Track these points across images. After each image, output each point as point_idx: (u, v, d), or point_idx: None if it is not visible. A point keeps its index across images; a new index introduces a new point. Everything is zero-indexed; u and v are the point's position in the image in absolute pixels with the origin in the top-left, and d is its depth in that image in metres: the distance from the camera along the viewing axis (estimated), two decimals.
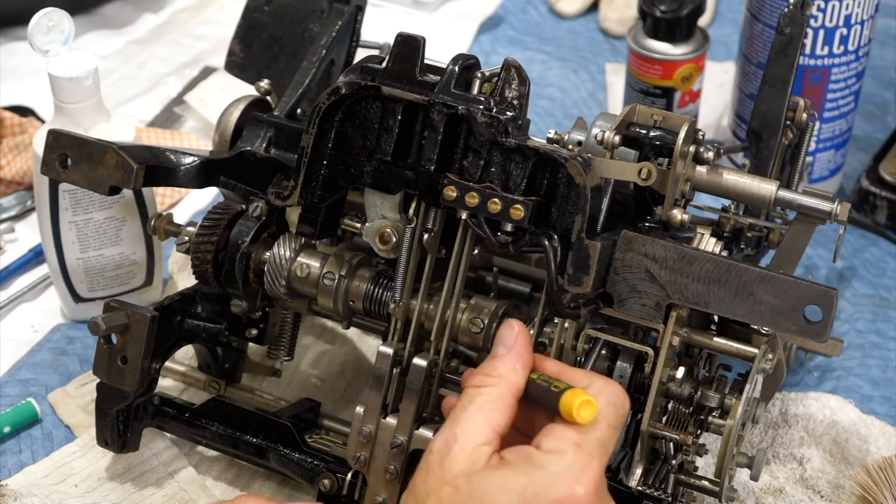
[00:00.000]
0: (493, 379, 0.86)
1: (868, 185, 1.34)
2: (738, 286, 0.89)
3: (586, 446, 0.81)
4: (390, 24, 1.60)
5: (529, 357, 0.88)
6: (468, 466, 0.81)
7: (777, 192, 0.99)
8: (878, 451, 1.09)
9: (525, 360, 0.87)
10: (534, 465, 0.81)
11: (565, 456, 0.81)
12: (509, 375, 0.86)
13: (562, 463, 0.80)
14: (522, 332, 0.88)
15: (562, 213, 0.92)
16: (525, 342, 0.88)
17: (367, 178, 0.96)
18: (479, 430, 0.83)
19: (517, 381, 0.86)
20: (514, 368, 0.86)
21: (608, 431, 0.83)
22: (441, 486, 0.81)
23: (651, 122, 0.95)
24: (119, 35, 1.62)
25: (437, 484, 0.81)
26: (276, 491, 1.07)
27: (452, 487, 0.81)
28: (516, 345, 0.88)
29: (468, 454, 0.82)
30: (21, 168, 1.34)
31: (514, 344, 0.88)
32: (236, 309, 1.05)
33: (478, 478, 0.81)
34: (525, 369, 0.86)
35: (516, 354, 0.87)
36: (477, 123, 0.92)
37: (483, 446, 0.82)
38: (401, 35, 0.95)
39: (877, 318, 1.24)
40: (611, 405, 0.84)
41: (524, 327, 0.89)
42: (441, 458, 0.82)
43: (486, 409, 0.84)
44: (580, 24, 1.66)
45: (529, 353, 0.88)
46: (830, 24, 1.26)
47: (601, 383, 0.86)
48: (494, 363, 0.87)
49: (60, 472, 1.08)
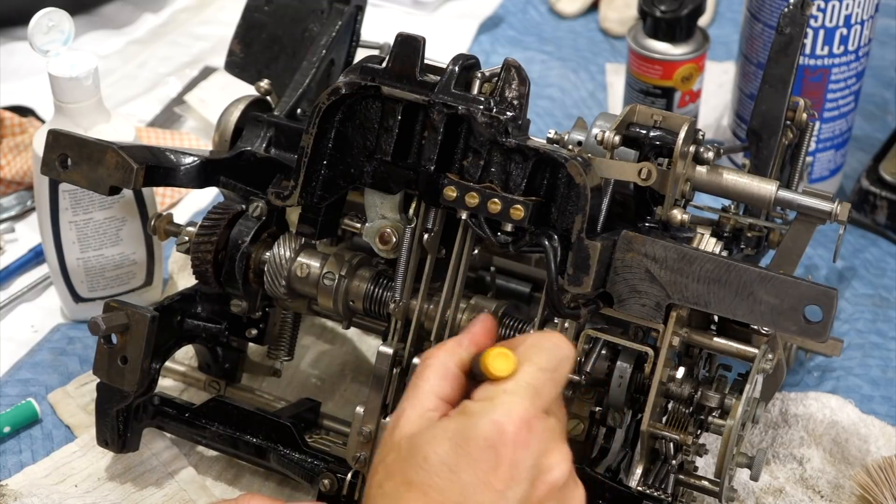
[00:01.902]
0: (437, 351, 0.87)
1: (868, 185, 1.34)
2: (738, 286, 0.89)
3: (516, 390, 0.81)
4: (390, 24, 1.60)
5: (483, 339, 0.88)
6: (413, 427, 0.82)
7: (777, 192, 0.99)
8: (878, 451, 1.09)
9: (474, 337, 0.88)
10: (465, 412, 0.81)
11: (494, 400, 0.81)
12: (453, 347, 0.87)
13: (490, 406, 0.81)
14: (485, 320, 0.90)
15: (562, 213, 0.92)
16: (482, 328, 0.89)
17: (367, 178, 0.96)
18: (424, 397, 0.84)
19: (460, 353, 0.86)
20: (460, 342, 0.87)
21: (537, 375, 0.82)
22: (388, 452, 0.82)
23: (651, 122, 0.95)
24: (119, 35, 1.62)
25: (385, 451, 0.83)
26: (276, 491, 1.07)
27: (396, 451, 0.82)
28: (473, 327, 0.89)
29: (414, 421, 0.83)
30: (21, 168, 1.34)
31: (472, 326, 0.89)
32: (236, 309, 1.05)
33: (417, 436, 0.82)
34: (472, 344, 0.87)
35: (468, 333, 0.88)
36: (477, 123, 0.92)
37: (429, 412, 0.83)
38: (401, 35, 0.95)
39: (877, 318, 1.24)
40: (539, 350, 0.84)
41: (489, 318, 0.90)
42: (391, 431, 0.84)
43: (430, 378, 0.85)
44: (580, 24, 1.66)
45: (484, 336, 0.89)
46: (830, 24, 1.26)
47: (534, 336, 0.86)
48: (444, 341, 0.89)
49: (60, 472, 1.08)
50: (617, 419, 0.96)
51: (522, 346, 0.84)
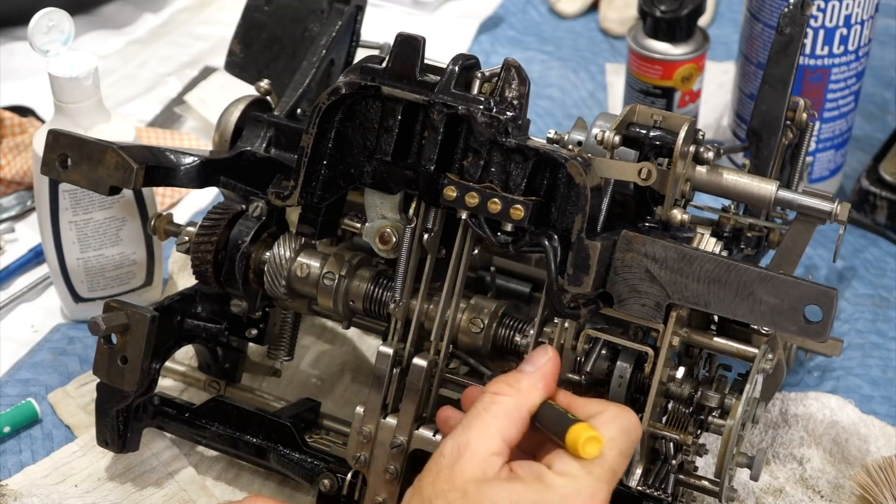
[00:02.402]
0: (512, 389, 0.86)
1: (868, 185, 1.34)
2: (738, 286, 0.89)
3: (597, 472, 0.82)
4: (390, 24, 1.60)
5: (553, 382, 0.88)
6: (478, 474, 0.81)
7: (777, 192, 0.99)
8: (878, 451, 1.09)
9: (548, 382, 0.87)
10: (545, 483, 0.81)
11: (577, 480, 0.81)
12: (529, 391, 0.86)
13: (572, 486, 0.81)
14: (554, 358, 0.89)
15: (562, 213, 0.92)
16: (553, 368, 0.88)
17: (367, 178, 0.96)
18: (491, 438, 0.83)
19: (535, 399, 0.86)
20: (536, 386, 0.86)
21: (619, 459, 0.83)
22: (450, 490, 0.81)
23: (651, 122, 0.95)
24: (119, 35, 1.62)
25: (446, 487, 0.81)
26: (276, 491, 1.07)
27: (461, 493, 0.81)
28: (544, 367, 0.88)
29: (479, 462, 0.82)
30: (21, 168, 1.34)
31: (543, 365, 0.88)
32: (236, 309, 1.05)
33: (488, 487, 0.81)
34: (546, 390, 0.87)
35: (541, 374, 0.87)
36: (477, 123, 0.92)
37: (494, 456, 0.82)
38: (401, 35, 0.95)
39: (877, 318, 1.24)
40: (623, 433, 0.84)
41: (557, 355, 0.89)
42: (452, 463, 0.82)
43: (500, 418, 0.84)
44: (580, 24, 1.66)
45: (554, 378, 0.88)
46: (830, 24, 1.26)
47: (615, 411, 0.86)
48: (518, 376, 0.87)
49: (60, 472, 1.08)
50: None
51: (605, 423, 0.84)
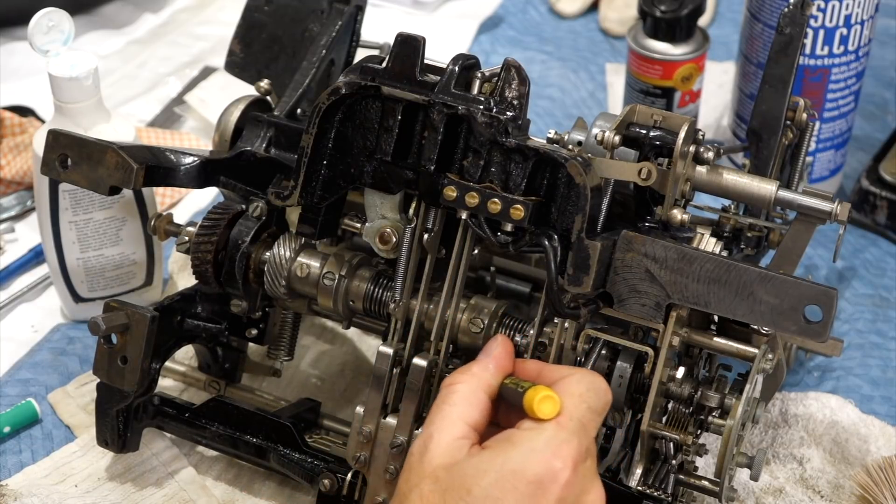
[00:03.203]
0: (464, 376, 0.87)
1: (868, 185, 1.34)
2: (738, 286, 0.89)
3: (564, 422, 0.82)
4: (390, 24, 1.60)
5: (506, 362, 0.89)
6: (447, 460, 0.82)
7: (777, 192, 0.99)
8: (878, 451, 1.09)
9: (499, 362, 0.89)
10: (512, 443, 0.81)
11: (544, 432, 0.81)
12: (481, 373, 0.87)
13: (540, 438, 0.81)
14: (504, 343, 0.90)
15: (562, 213, 0.92)
16: (504, 351, 0.90)
17: (367, 178, 0.96)
18: (453, 425, 0.84)
19: (487, 378, 0.87)
20: (486, 367, 0.88)
21: (587, 414, 0.83)
22: (421, 480, 0.82)
23: (651, 122, 0.95)
24: (119, 35, 1.62)
25: (418, 479, 0.82)
26: (276, 491, 1.07)
27: (432, 480, 0.82)
28: (494, 351, 0.90)
29: (445, 448, 0.83)
30: (21, 168, 1.34)
31: (492, 350, 0.90)
32: (236, 309, 1.05)
33: (457, 467, 0.82)
34: (498, 369, 0.88)
35: (491, 357, 0.89)
36: (477, 123, 0.92)
37: (460, 440, 0.83)
38: (401, 35, 0.95)
39: (877, 318, 1.24)
40: (591, 390, 0.85)
41: (507, 340, 0.91)
42: (420, 456, 0.83)
43: (459, 405, 0.85)
44: (580, 24, 1.66)
45: (507, 359, 0.90)
46: (830, 24, 1.26)
47: (584, 372, 0.87)
48: (469, 364, 0.89)
49: (60, 472, 1.08)
50: (617, 419, 0.96)
51: (567, 381, 0.85)
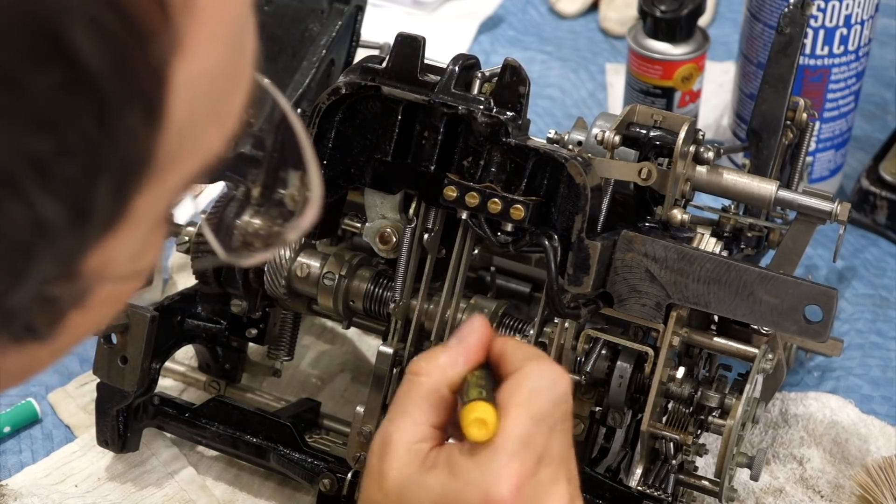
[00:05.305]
0: (430, 367, 0.80)
1: (868, 185, 1.34)
2: (738, 286, 0.89)
3: (505, 446, 0.75)
4: (390, 24, 1.60)
5: (476, 355, 0.81)
6: (402, 468, 0.77)
7: (777, 192, 0.99)
8: (878, 451, 1.09)
9: (471, 353, 0.80)
10: (451, 471, 0.76)
11: (480, 459, 0.75)
12: (447, 368, 0.79)
13: (476, 470, 0.75)
14: (481, 327, 0.82)
15: (562, 213, 0.91)
16: (479, 338, 0.81)
17: (367, 178, 0.96)
18: (413, 426, 0.78)
19: (453, 376, 0.79)
20: (455, 361, 0.80)
21: (531, 426, 0.75)
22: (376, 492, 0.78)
23: (651, 122, 0.95)
24: None
25: (373, 491, 0.78)
26: (276, 491, 1.07)
27: (384, 495, 0.77)
28: (468, 338, 0.81)
29: (402, 455, 0.78)
30: None
31: (467, 337, 0.81)
32: (236, 309, 1.05)
33: (405, 489, 0.77)
34: (467, 364, 0.80)
35: (464, 347, 0.81)
36: (477, 123, 0.92)
37: (418, 444, 0.78)
38: (401, 35, 0.95)
39: (877, 318, 1.24)
40: (532, 395, 0.77)
41: (486, 324, 0.82)
42: (379, 462, 0.78)
43: (420, 405, 0.79)
44: (580, 24, 1.66)
45: (478, 352, 0.81)
46: (830, 24, 1.26)
47: (526, 372, 0.78)
48: (437, 352, 0.81)
49: (60, 472, 1.08)
50: (617, 419, 0.96)
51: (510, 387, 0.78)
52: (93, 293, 0.51)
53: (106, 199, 0.47)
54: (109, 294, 0.53)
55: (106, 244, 0.49)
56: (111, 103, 0.45)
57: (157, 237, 0.54)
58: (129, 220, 0.50)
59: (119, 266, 0.51)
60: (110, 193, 0.47)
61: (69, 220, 0.46)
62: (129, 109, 0.46)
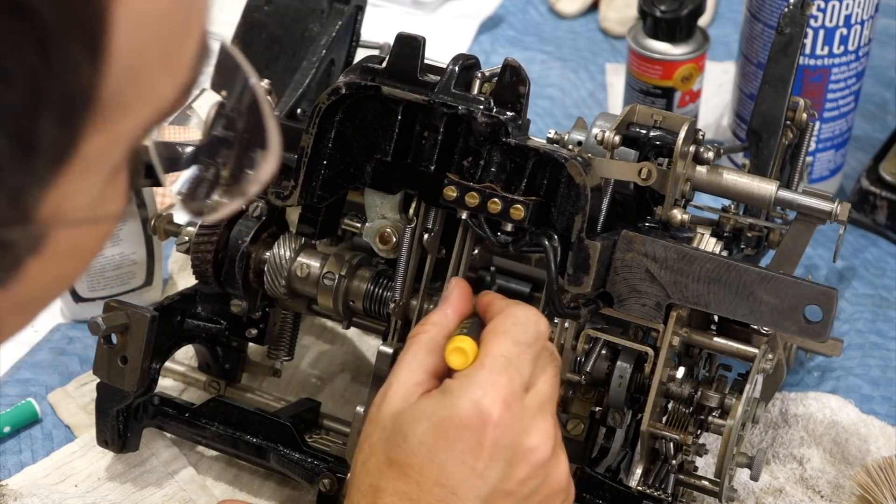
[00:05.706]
0: (425, 326, 0.87)
1: (868, 185, 1.34)
2: (738, 286, 0.89)
3: (490, 365, 0.81)
4: (390, 24, 1.60)
5: (462, 305, 0.88)
6: (399, 406, 0.82)
7: (777, 192, 0.99)
8: (878, 451, 1.09)
9: (456, 306, 0.88)
10: (444, 391, 0.81)
11: (471, 378, 0.81)
12: (440, 321, 0.87)
13: (466, 384, 0.81)
14: (459, 285, 0.89)
15: (562, 213, 0.91)
16: (460, 294, 0.89)
17: (367, 178, 0.96)
18: (411, 372, 0.84)
19: (447, 325, 0.87)
20: (444, 314, 0.87)
21: (514, 348, 0.82)
22: (374, 429, 0.82)
23: (651, 122, 0.95)
24: None
25: (371, 428, 0.83)
26: (275, 491, 1.07)
27: (381, 428, 0.82)
28: (451, 294, 0.89)
29: (401, 395, 0.83)
30: None
31: (450, 294, 0.89)
32: (236, 309, 1.05)
33: (401, 414, 0.82)
34: (456, 314, 0.87)
35: (450, 302, 0.88)
36: (477, 123, 0.92)
37: (415, 386, 0.83)
38: (401, 35, 0.95)
39: (877, 318, 1.24)
40: (516, 324, 0.83)
41: (462, 282, 0.90)
42: (378, 406, 0.83)
43: (418, 354, 0.85)
44: (580, 24, 1.66)
45: (463, 302, 0.88)
46: (830, 24, 1.26)
47: (511, 308, 0.85)
48: (429, 314, 0.89)
49: (60, 472, 1.08)
50: (617, 419, 0.96)
51: (495, 321, 0.84)
52: (49, 238, 0.50)
53: (51, 132, 0.47)
54: (70, 243, 0.52)
55: (58, 185, 0.49)
56: (50, 30, 0.45)
57: (117, 186, 0.54)
58: (81, 161, 0.49)
59: (76, 211, 0.51)
60: (55, 126, 0.47)
61: (13, 151, 0.46)
62: (68, 38, 0.45)
